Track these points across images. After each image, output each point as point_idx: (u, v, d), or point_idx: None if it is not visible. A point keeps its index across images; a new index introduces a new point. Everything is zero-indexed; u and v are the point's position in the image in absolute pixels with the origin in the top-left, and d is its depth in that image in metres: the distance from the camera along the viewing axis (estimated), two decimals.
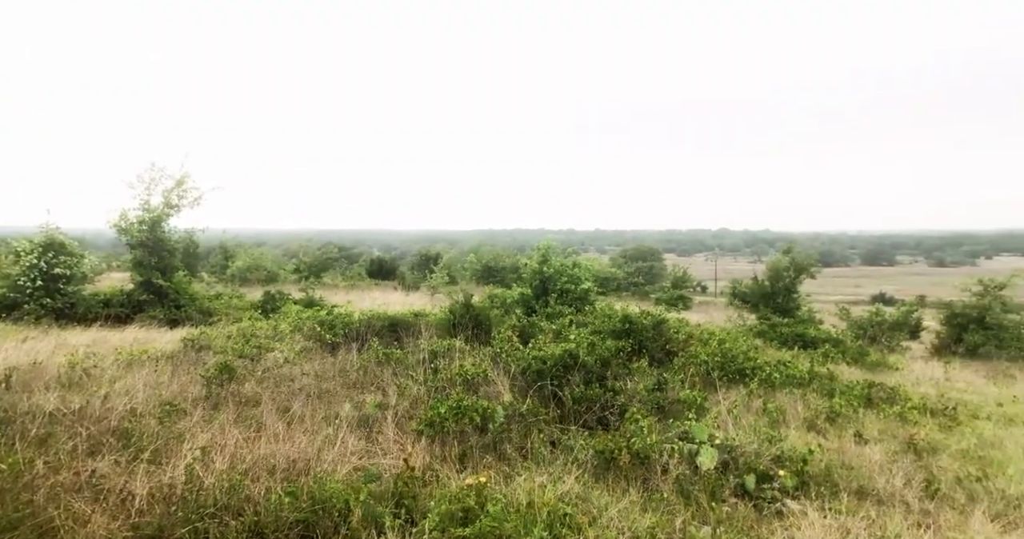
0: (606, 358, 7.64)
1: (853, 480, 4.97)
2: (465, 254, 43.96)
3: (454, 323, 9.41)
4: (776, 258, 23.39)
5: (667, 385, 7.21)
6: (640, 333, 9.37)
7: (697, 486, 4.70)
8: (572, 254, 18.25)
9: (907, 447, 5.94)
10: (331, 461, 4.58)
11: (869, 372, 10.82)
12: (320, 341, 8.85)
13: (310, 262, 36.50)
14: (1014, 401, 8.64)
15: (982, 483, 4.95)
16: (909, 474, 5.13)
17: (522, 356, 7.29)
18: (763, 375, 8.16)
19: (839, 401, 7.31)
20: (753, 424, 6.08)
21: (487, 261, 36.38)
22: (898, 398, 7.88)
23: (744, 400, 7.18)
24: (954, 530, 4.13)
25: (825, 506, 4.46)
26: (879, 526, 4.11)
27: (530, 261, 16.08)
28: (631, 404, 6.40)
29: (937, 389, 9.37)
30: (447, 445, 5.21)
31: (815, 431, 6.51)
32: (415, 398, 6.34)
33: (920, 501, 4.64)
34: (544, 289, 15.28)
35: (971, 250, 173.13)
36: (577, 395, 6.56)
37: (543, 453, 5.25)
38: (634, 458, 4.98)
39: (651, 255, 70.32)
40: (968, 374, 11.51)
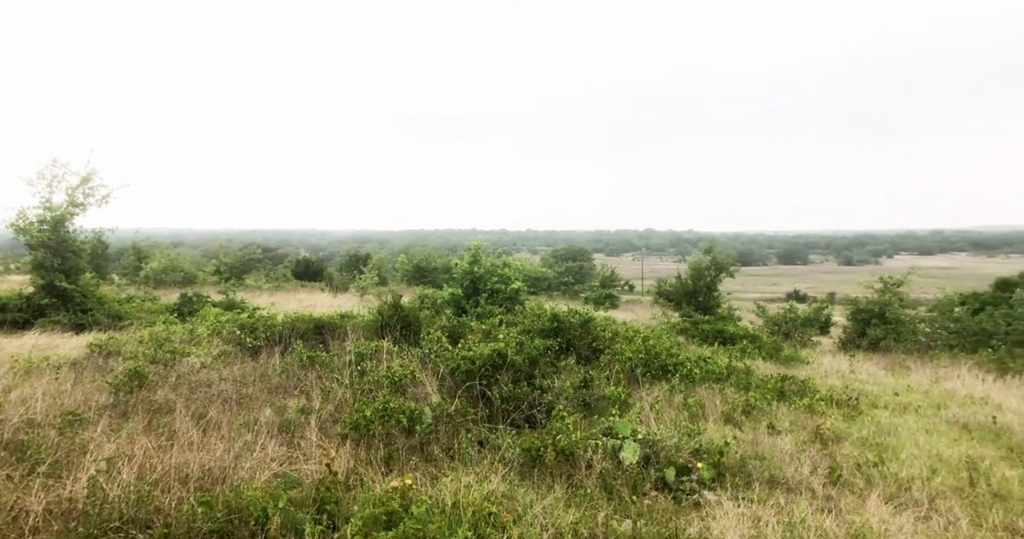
0: (534, 357, 7.71)
1: (765, 470, 5.21)
2: (396, 255, 43.41)
3: (382, 324, 9.26)
4: (698, 258, 24.30)
5: (593, 382, 7.36)
6: (568, 332, 9.52)
7: (620, 480, 4.82)
8: (503, 254, 18.34)
9: (814, 437, 6.28)
10: (249, 468, 4.42)
11: (783, 366, 11.38)
12: (240, 345, 8.53)
13: (231, 263, 35.06)
14: (908, 390, 9.31)
15: (878, 468, 5.31)
16: (815, 462, 5.44)
17: (451, 356, 7.26)
18: (684, 371, 8.43)
19: (754, 395, 7.64)
20: (674, 419, 6.27)
21: (418, 261, 36.05)
22: (808, 391, 8.30)
23: (666, 396, 7.41)
24: (853, 513, 4.41)
25: (739, 496, 4.67)
26: (787, 512, 4.34)
27: (461, 261, 16.05)
28: (558, 402, 6.49)
29: (843, 381, 9.95)
30: (373, 448, 5.13)
31: (732, 424, 6.79)
32: (340, 401, 6.21)
33: (824, 487, 4.92)
34: (475, 289, 15.29)
35: (875, 249, 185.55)
36: (505, 394, 6.59)
37: (471, 453, 5.25)
38: (559, 455, 5.06)
39: (581, 255, 71.57)
40: (870, 366, 12.29)
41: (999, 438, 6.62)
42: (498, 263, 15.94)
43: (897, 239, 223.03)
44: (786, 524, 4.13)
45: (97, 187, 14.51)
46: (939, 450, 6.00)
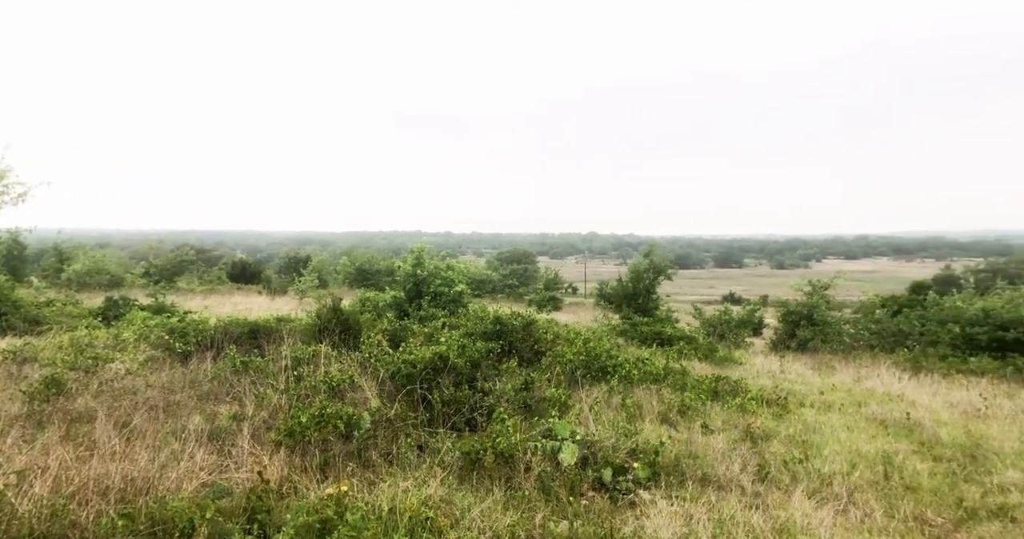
0: (476, 359, 7.71)
1: (698, 468, 5.37)
2: (338, 257, 42.60)
3: (321, 328, 9.07)
4: (637, 261, 24.79)
5: (534, 384, 7.40)
6: (510, 334, 9.55)
7: (558, 482, 4.87)
8: (447, 257, 18.27)
9: (745, 435, 6.50)
10: (176, 478, 4.25)
11: (717, 367, 11.73)
12: (170, 350, 8.19)
13: (162, 265, 33.64)
14: (833, 389, 9.75)
15: (803, 464, 5.54)
16: (745, 460, 5.63)
17: (392, 360, 7.18)
18: (623, 372, 8.58)
19: (690, 395, 7.86)
20: (612, 419, 6.39)
21: (360, 264, 35.47)
22: (740, 390, 8.58)
23: (605, 397, 7.54)
24: (779, 508, 4.59)
25: (673, 494, 4.79)
26: (717, 509, 4.49)
27: (404, 264, 15.90)
28: (499, 404, 6.50)
29: (773, 381, 10.33)
30: (308, 455, 5.02)
31: (668, 424, 6.96)
32: (275, 407, 6.04)
33: (753, 484, 5.10)
34: (418, 292, 15.16)
35: (805, 254, 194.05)
36: (447, 397, 6.56)
37: (410, 457, 5.21)
38: (499, 457, 5.07)
39: (525, 258, 72.03)
40: (799, 366, 12.81)
41: (912, 433, 7.01)
42: (442, 266, 15.87)
43: (825, 244, 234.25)
44: (716, 521, 4.27)
45: (13, 185, 13.67)
46: (858, 446, 6.32)
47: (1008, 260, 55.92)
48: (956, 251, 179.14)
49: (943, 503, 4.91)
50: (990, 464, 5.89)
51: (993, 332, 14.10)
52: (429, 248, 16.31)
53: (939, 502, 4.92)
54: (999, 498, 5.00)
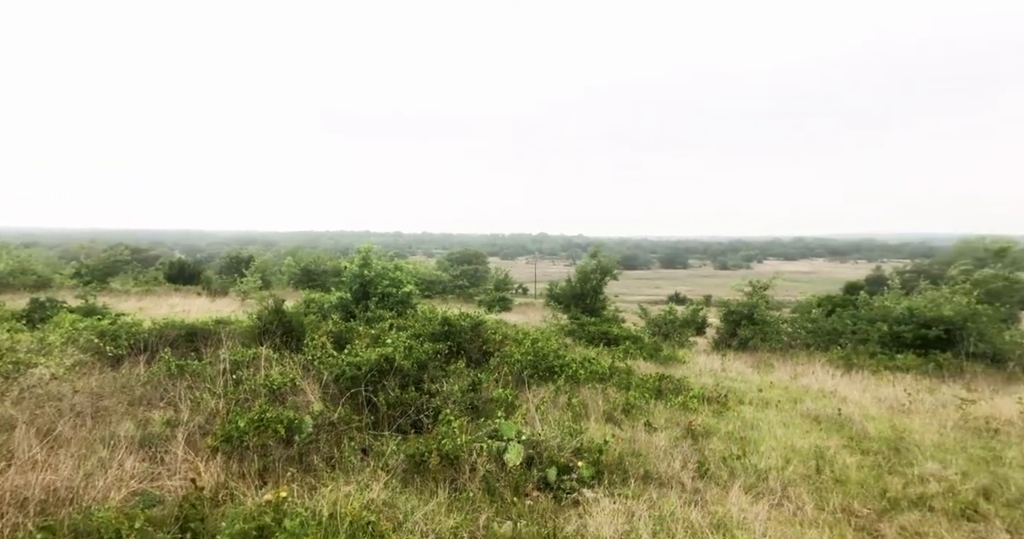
0: (423, 361, 7.65)
1: (641, 466, 5.46)
2: (282, 257, 41.57)
3: (262, 330, 8.82)
4: (585, 262, 25.12)
5: (481, 385, 7.40)
6: (459, 335, 9.52)
7: (503, 482, 4.88)
8: (395, 257, 18.07)
9: (687, 433, 6.64)
10: (103, 488, 4.06)
11: (662, 366, 11.96)
12: (100, 354, 7.82)
13: (94, 265, 32.11)
14: (771, 387, 10.09)
15: (741, 460, 5.71)
16: (686, 457, 5.76)
17: (336, 362, 7.05)
18: (570, 372, 8.66)
19: (634, 394, 7.98)
20: (558, 419, 6.44)
21: (306, 264, 34.69)
22: (683, 389, 8.77)
23: (552, 396, 7.59)
24: (717, 504, 4.72)
25: (615, 492, 4.86)
26: (658, 506, 4.58)
27: (351, 265, 15.62)
28: (446, 406, 6.47)
29: (715, 379, 10.62)
30: (247, 460, 4.87)
31: (613, 422, 7.05)
32: (212, 412, 5.85)
33: (693, 480, 5.22)
34: (365, 293, 14.93)
35: (747, 255, 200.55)
36: (392, 400, 6.49)
37: (353, 461, 5.13)
38: (444, 459, 5.04)
39: (476, 258, 71.99)
40: (739, 364, 13.20)
41: (843, 428, 7.31)
42: (390, 266, 15.67)
43: (765, 245, 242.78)
44: (656, 518, 4.36)
45: None
46: (793, 441, 6.55)
47: (931, 261, 59.06)
48: (886, 253, 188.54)
49: (869, 494, 5.14)
50: (912, 456, 6.20)
51: (917, 330, 14.86)
52: (377, 248, 16.09)
53: (865, 494, 5.16)
54: (919, 488, 5.28)
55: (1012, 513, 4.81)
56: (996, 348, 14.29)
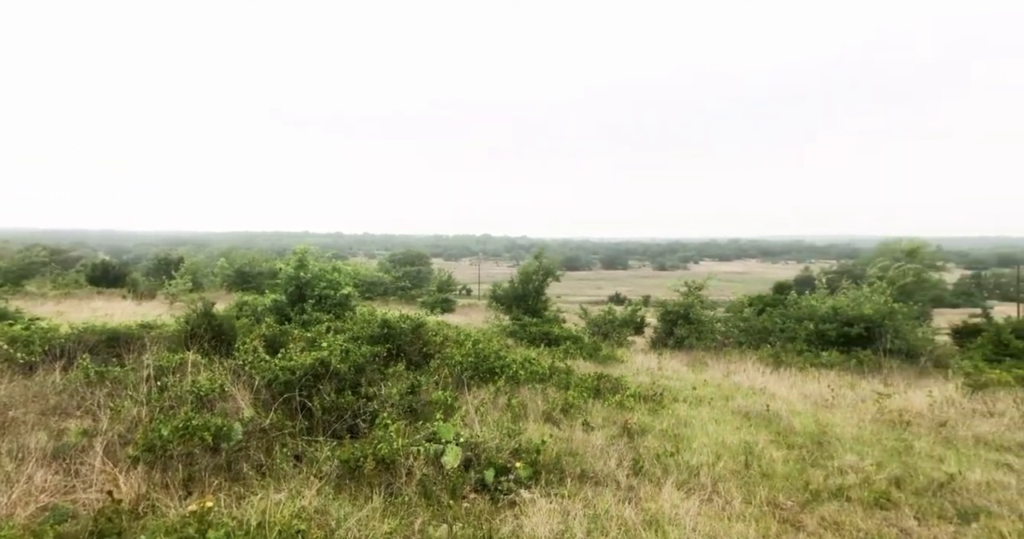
0: (361, 364, 7.52)
1: (577, 465, 5.52)
2: (216, 258, 40.09)
3: (191, 334, 8.48)
4: (528, 263, 25.29)
5: (420, 388, 7.33)
6: (399, 337, 9.42)
7: (440, 485, 4.84)
8: (334, 258, 17.72)
9: (622, 431, 6.75)
10: (9, 503, 3.81)
11: (600, 365, 12.15)
12: (10, 361, 7.34)
13: (6, 267, 30.18)
14: (704, 384, 10.39)
15: (674, 457, 5.85)
16: (622, 455, 5.86)
17: (269, 367, 6.84)
18: (510, 373, 8.69)
19: (573, 393, 8.06)
20: (498, 420, 6.45)
21: (240, 266, 33.56)
22: (620, 388, 8.90)
23: (492, 397, 7.59)
24: (650, 501, 4.82)
25: (552, 492, 4.90)
26: (593, 505, 4.65)
27: (286, 266, 15.22)
28: (384, 409, 6.38)
29: (651, 378, 10.85)
30: (170, 470, 4.67)
31: (551, 422, 7.10)
32: (134, 421, 5.58)
33: (628, 478, 5.31)
34: (301, 295, 14.56)
35: (684, 256, 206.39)
36: (328, 404, 6.35)
37: (285, 468, 4.99)
38: (380, 464, 4.97)
39: (419, 259, 71.39)
40: (675, 363, 13.55)
41: (771, 424, 7.60)
42: (327, 268, 15.34)
43: (702, 246, 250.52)
44: (591, 516, 4.42)
45: None
46: (724, 438, 6.76)
47: (855, 262, 62.28)
48: (814, 254, 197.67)
49: (793, 487, 5.36)
50: (833, 449, 6.51)
51: (840, 328, 15.63)
52: (314, 249, 15.73)
53: (790, 487, 5.37)
54: (838, 480, 5.54)
55: (920, 501, 5.11)
56: (910, 344, 15.18)
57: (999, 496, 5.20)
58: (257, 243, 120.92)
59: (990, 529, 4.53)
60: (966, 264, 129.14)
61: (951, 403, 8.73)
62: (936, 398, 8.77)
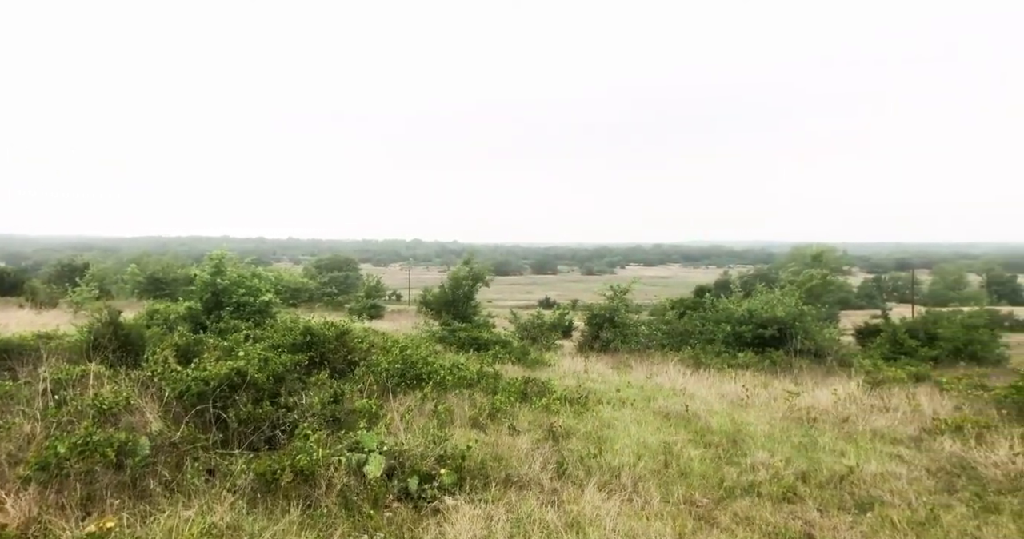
0: (281, 374, 7.28)
1: (502, 470, 5.53)
2: (126, 264, 37.90)
3: (94, 345, 7.97)
4: (458, 268, 25.27)
5: (344, 396, 7.18)
6: (322, 345, 9.19)
7: (361, 496, 4.75)
8: (254, 264, 17.11)
9: (548, 434, 6.84)
10: None
11: (529, 369, 12.24)
12: None
13: None
14: (628, 386, 10.65)
15: (596, 459, 5.96)
16: (546, 458, 5.91)
17: (180, 378, 6.52)
18: (438, 378, 8.63)
19: (500, 398, 8.08)
20: (424, 427, 6.39)
21: (153, 272, 31.83)
22: (547, 391, 9.00)
23: (418, 404, 7.52)
24: (572, 503, 4.89)
25: (476, 497, 4.90)
26: (516, 509, 4.67)
27: (202, 272, 14.57)
28: (304, 419, 6.21)
29: (577, 380, 11.01)
30: (67, 490, 4.37)
31: (478, 427, 7.10)
32: (27, 438, 5.18)
33: (552, 481, 5.37)
34: (217, 303, 13.96)
35: (610, 260, 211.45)
36: (244, 416, 6.11)
37: (196, 483, 4.76)
38: (298, 476, 4.82)
39: (346, 265, 69.94)
40: (601, 366, 13.81)
41: (690, 423, 7.87)
42: (246, 274, 14.78)
43: (627, 251, 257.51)
44: (514, 521, 4.44)
45: None
46: (645, 438, 6.94)
47: (770, 267, 65.56)
48: (733, 259, 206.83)
49: (709, 485, 5.57)
50: (746, 447, 6.80)
51: (755, 330, 16.40)
52: (232, 255, 15.11)
53: (706, 484, 5.58)
54: (750, 476, 5.80)
55: (823, 493, 5.42)
56: (818, 345, 16.11)
57: (891, 486, 5.58)
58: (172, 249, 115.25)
59: (883, 517, 4.85)
60: (868, 268, 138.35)
61: (853, 400, 9.30)
62: (840, 395, 9.32)
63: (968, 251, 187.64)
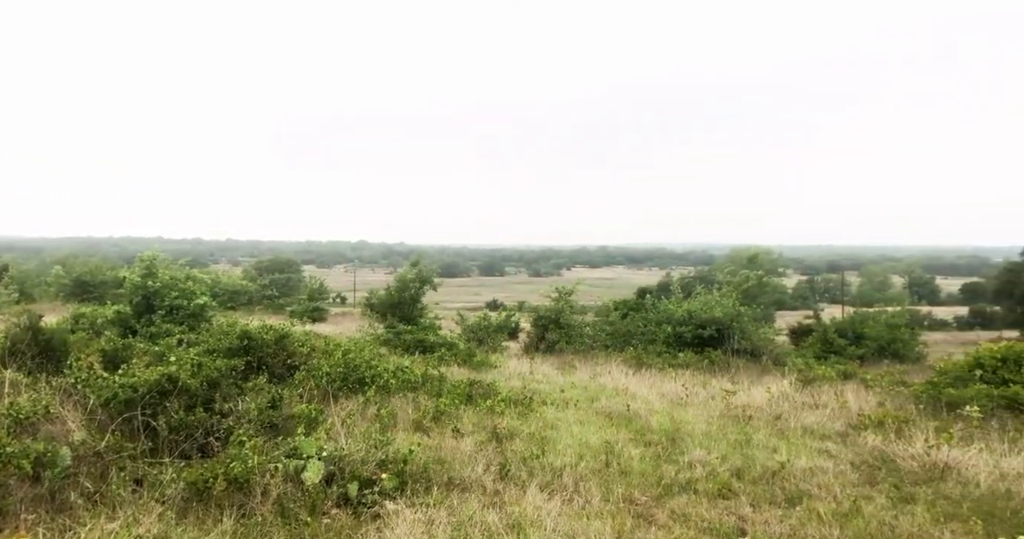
0: (215, 379, 7.04)
1: (445, 473, 5.51)
2: (50, 266, 35.89)
3: (10, 351, 7.52)
4: (404, 270, 25.02)
5: (282, 401, 7.00)
6: (260, 349, 8.95)
7: (299, 503, 4.64)
8: (190, 266, 16.51)
9: (492, 436, 6.85)
10: None
11: (474, 371, 12.23)
12: None
13: None
14: (572, 387, 10.77)
15: (539, 460, 5.99)
16: (489, 460, 5.92)
17: (106, 385, 6.22)
18: (381, 382, 8.53)
19: (445, 400, 8.05)
20: (365, 431, 6.29)
21: (80, 275, 30.22)
22: (492, 393, 9.02)
23: (361, 408, 7.41)
24: (514, 504, 4.90)
25: (418, 501, 4.86)
26: (458, 512, 4.66)
27: (132, 275, 13.95)
28: (240, 425, 6.03)
29: (523, 382, 11.06)
30: None
31: (422, 431, 7.05)
32: None
33: (494, 483, 5.38)
34: (149, 306, 13.38)
35: (557, 262, 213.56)
36: (175, 423, 5.90)
37: (122, 494, 4.56)
38: (232, 484, 4.67)
39: (288, 267, 68.28)
40: (546, 367, 13.91)
41: (631, 423, 8.02)
42: (180, 276, 14.24)
43: (573, 253, 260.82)
44: (455, 523, 4.43)
45: None
46: (587, 438, 7.03)
47: (710, 268, 67.47)
48: (675, 260, 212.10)
49: (648, 483, 5.68)
50: (685, 445, 6.97)
51: (695, 330, 16.86)
52: (164, 256, 14.54)
53: (645, 482, 5.69)
54: (688, 473, 5.95)
55: (756, 489, 5.61)
56: (754, 344, 16.69)
57: (819, 480, 5.82)
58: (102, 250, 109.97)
59: (810, 510, 5.06)
60: (803, 270, 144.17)
61: (786, 397, 9.66)
62: (773, 393, 9.67)
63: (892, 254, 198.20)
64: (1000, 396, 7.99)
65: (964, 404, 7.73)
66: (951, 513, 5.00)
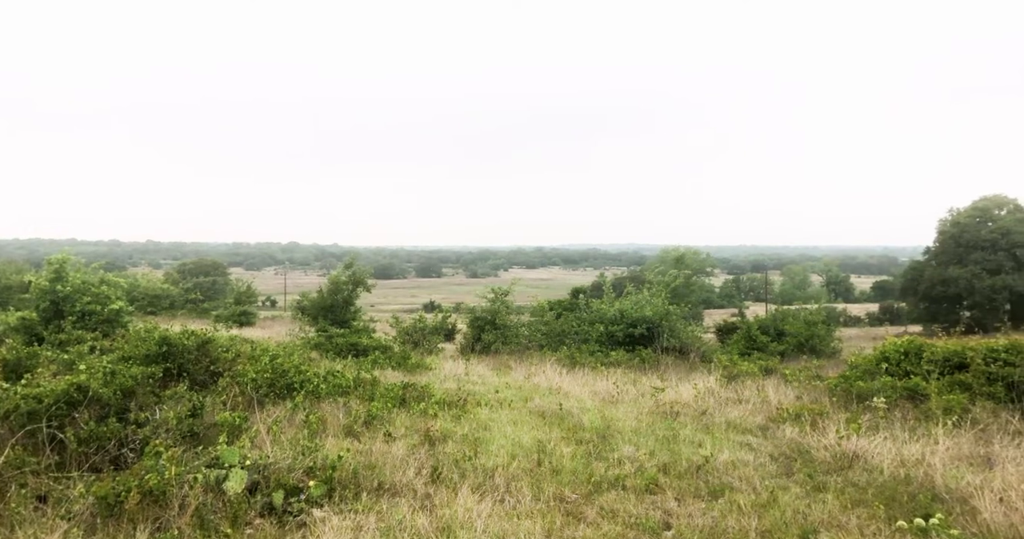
0: (130, 387, 6.70)
1: (375, 478, 5.42)
2: None
3: None
4: (337, 272, 24.53)
5: (203, 410, 6.74)
6: (181, 355, 8.56)
7: (220, 514, 4.47)
8: (105, 269, 15.62)
9: (424, 439, 6.79)
10: None
11: (409, 374, 12.10)
12: None
13: None
14: (506, 387, 10.81)
15: (471, 461, 5.99)
16: (421, 463, 5.87)
17: (6, 396, 5.83)
18: (311, 387, 8.33)
19: (377, 404, 7.92)
20: (293, 438, 6.13)
21: None
22: (426, 395, 8.95)
23: (288, 415, 7.20)
24: (446, 507, 4.88)
25: (346, 508, 4.77)
26: (387, 517, 4.60)
27: (39, 279, 13.08)
28: (157, 436, 5.76)
29: (458, 383, 11.03)
30: None
31: (352, 436, 6.91)
32: None
33: (426, 486, 5.34)
34: (58, 311, 12.58)
35: (494, 263, 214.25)
36: (85, 435, 5.58)
37: (22, 513, 4.27)
38: (147, 497, 4.45)
39: (214, 269, 65.80)
40: (482, 368, 13.91)
41: (563, 421, 8.11)
42: (93, 280, 13.44)
43: (510, 255, 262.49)
44: (384, 529, 4.37)
45: None
46: (520, 438, 7.06)
47: (641, 269, 69.20)
48: (609, 261, 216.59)
49: (578, 480, 5.76)
50: (615, 442, 7.12)
51: (626, 329, 17.25)
52: (75, 259, 13.68)
53: (576, 480, 5.77)
54: (617, 470, 6.07)
55: (681, 483, 5.78)
56: (682, 342, 17.22)
57: (740, 472, 6.06)
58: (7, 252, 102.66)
59: (732, 502, 5.26)
60: (729, 269, 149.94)
61: (711, 393, 10.01)
62: (700, 390, 10.00)
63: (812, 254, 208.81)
64: (903, 387, 8.52)
65: (872, 396, 8.21)
66: (858, 499, 5.30)
